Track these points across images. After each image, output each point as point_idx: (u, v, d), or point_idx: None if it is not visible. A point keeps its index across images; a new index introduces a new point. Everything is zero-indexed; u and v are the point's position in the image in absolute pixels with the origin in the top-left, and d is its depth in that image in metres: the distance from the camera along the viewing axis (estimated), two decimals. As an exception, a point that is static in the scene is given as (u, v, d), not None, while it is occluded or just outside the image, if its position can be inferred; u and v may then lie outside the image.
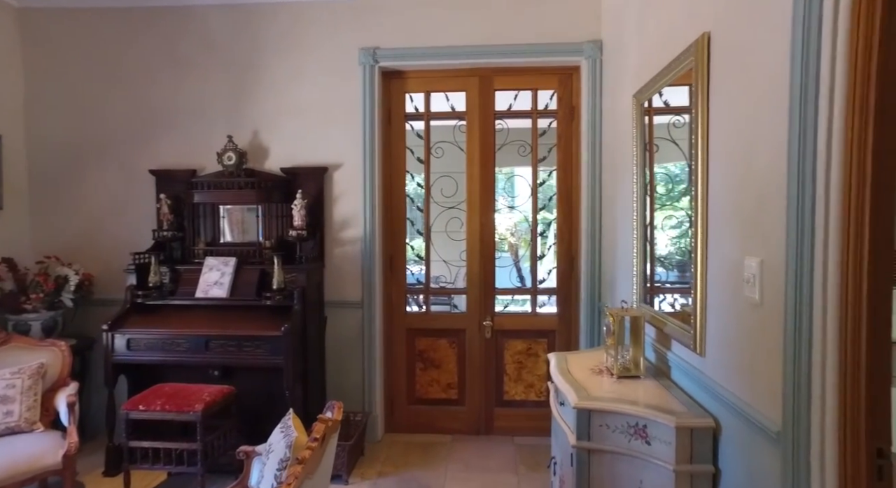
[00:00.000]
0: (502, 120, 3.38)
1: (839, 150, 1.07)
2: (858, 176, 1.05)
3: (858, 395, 1.07)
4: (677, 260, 2.23)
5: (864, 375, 1.07)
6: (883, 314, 1.06)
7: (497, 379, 3.44)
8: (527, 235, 7.20)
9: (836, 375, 1.09)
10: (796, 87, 1.16)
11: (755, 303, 1.36)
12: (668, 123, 2.33)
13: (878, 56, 1.03)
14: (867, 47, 1.03)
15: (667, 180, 2.34)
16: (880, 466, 1.08)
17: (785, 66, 1.22)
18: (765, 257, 1.31)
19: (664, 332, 2.03)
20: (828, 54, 1.09)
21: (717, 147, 1.58)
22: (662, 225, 2.32)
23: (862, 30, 1.04)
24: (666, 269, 2.37)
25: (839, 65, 1.07)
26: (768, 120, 1.30)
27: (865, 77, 1.04)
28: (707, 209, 1.65)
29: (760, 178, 1.33)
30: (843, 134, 1.06)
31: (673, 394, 1.80)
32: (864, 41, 1.04)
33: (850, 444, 1.09)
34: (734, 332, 1.48)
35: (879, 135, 1.04)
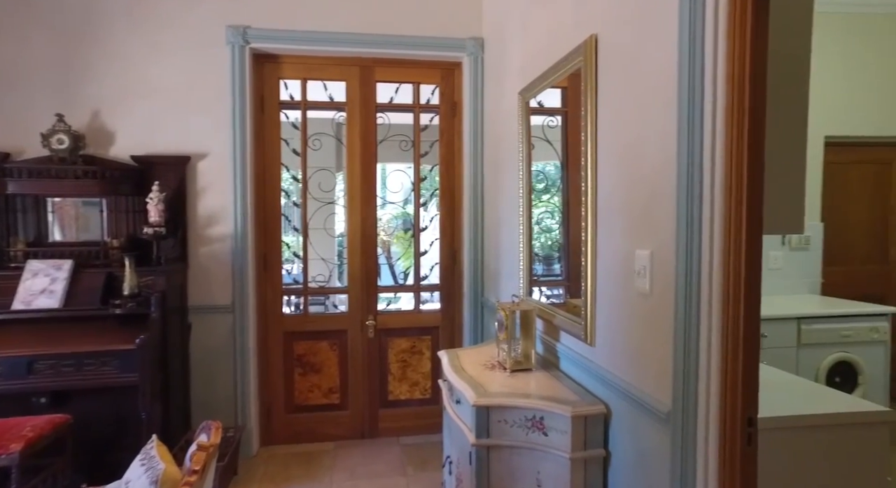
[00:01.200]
0: (384, 113, 3.28)
1: (721, 149, 1.16)
2: (737, 172, 1.15)
3: (736, 372, 1.18)
4: (559, 254, 2.35)
5: (741, 354, 1.17)
6: (755, 298, 1.17)
7: (381, 379, 3.34)
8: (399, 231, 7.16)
9: (720, 356, 1.19)
10: (684, 91, 1.24)
11: (645, 293, 1.44)
12: (543, 125, 2.44)
13: (749, 65, 1.13)
14: (742, 55, 1.13)
15: (542, 178, 2.45)
16: (749, 433, 1.20)
17: (670, 70, 1.30)
18: (655, 249, 1.40)
19: (553, 324, 2.10)
20: (710, 61, 1.17)
21: (606, 144, 1.66)
22: (540, 219, 2.42)
23: (737, 40, 1.13)
24: (548, 264, 2.48)
25: (720, 70, 1.16)
26: (655, 120, 1.38)
27: (742, 82, 1.13)
28: (596, 204, 1.73)
29: (650, 175, 1.41)
30: (725, 133, 1.16)
31: (564, 384, 1.86)
32: (739, 50, 1.13)
33: (729, 417, 1.19)
34: (624, 322, 1.56)
35: (753, 134, 1.14)
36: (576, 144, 2.29)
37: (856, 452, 1.57)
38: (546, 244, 2.50)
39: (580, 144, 2.26)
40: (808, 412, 1.57)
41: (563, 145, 2.38)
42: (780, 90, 1.25)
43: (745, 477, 1.19)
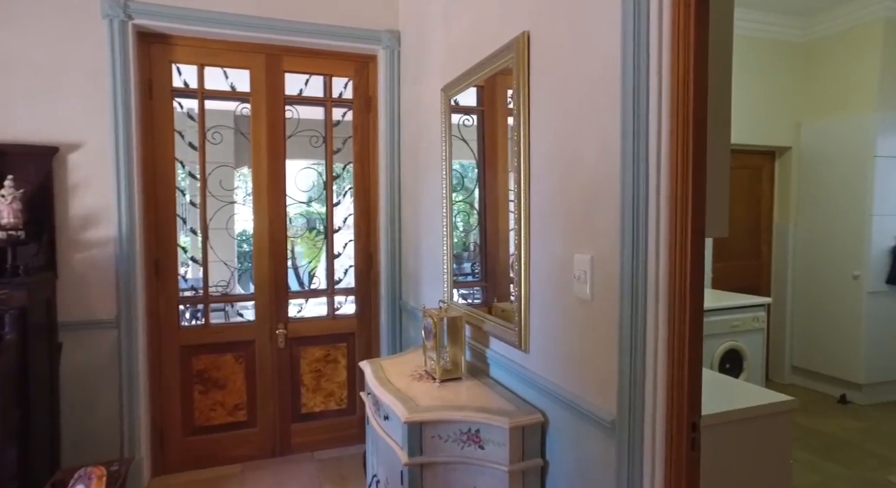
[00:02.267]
0: (293, 106, 3.04)
1: (667, 152, 1.15)
2: (682, 176, 1.14)
3: (682, 377, 1.17)
4: (477, 255, 2.30)
5: (687, 358, 1.17)
6: (699, 302, 1.18)
7: (294, 392, 3.11)
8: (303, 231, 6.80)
9: (666, 362, 1.18)
10: (628, 93, 1.21)
11: (586, 299, 1.41)
12: (458, 123, 2.39)
13: (693, 67, 1.13)
14: (686, 57, 1.12)
15: (458, 178, 2.40)
16: (693, 438, 1.21)
17: (612, 70, 1.27)
18: (595, 254, 1.37)
19: (482, 330, 2.04)
20: (655, 62, 1.15)
21: (541, 146, 1.62)
22: (458, 220, 2.36)
23: (682, 39, 1.12)
24: (467, 265, 2.43)
25: (665, 72, 1.14)
26: (596, 122, 1.35)
27: (686, 84, 1.13)
28: (530, 208, 1.69)
29: (589, 177, 1.38)
30: (670, 136, 1.14)
31: (497, 393, 1.81)
32: (684, 50, 1.12)
33: (675, 423, 1.19)
34: (562, 328, 1.53)
35: (697, 137, 1.14)
36: (492, 144, 2.26)
37: (764, 440, 1.67)
38: (465, 245, 2.45)
39: (496, 144, 2.25)
40: (723, 409, 1.63)
41: (479, 144, 2.34)
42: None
43: (690, 482, 1.19)
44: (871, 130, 3.88)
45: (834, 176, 4.12)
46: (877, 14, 3.85)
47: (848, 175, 4.02)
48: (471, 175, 2.45)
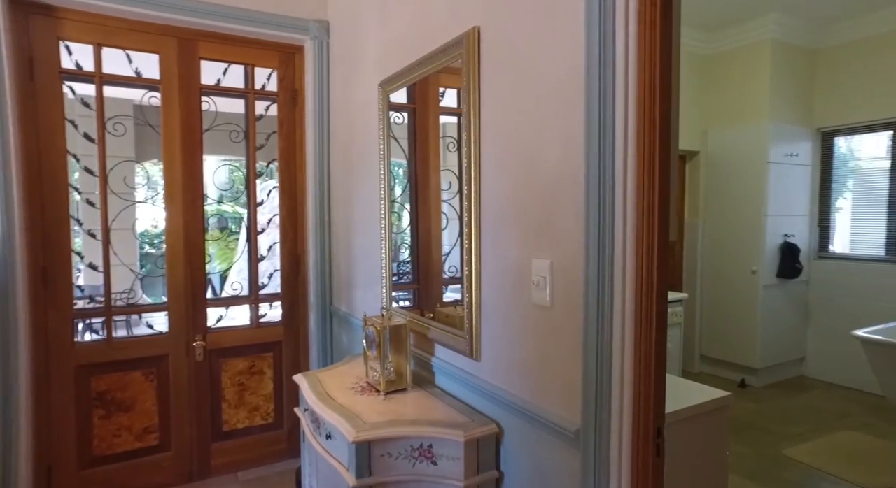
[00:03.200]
0: (210, 97, 2.77)
1: (634, 154, 1.13)
2: (650, 178, 1.12)
3: (649, 383, 1.16)
4: (409, 258, 2.22)
5: (654, 363, 1.16)
6: (665, 306, 1.17)
7: (214, 408, 2.85)
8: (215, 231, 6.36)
9: (633, 368, 1.16)
10: (594, 93, 1.18)
11: (545, 305, 1.37)
12: (391, 121, 2.30)
13: (660, 66, 1.11)
14: (653, 55, 1.11)
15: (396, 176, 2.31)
16: (658, 444, 1.20)
17: (575, 70, 1.24)
18: (556, 259, 1.33)
19: (428, 338, 1.95)
20: (622, 61, 1.13)
21: (493, 147, 1.56)
22: (393, 221, 2.27)
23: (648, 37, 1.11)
24: (398, 268, 2.34)
25: (631, 72, 1.12)
26: (556, 122, 1.31)
27: (652, 86, 1.11)
28: (480, 210, 1.62)
29: (549, 180, 1.34)
30: (637, 137, 1.12)
31: (447, 403, 1.73)
32: (650, 50, 1.11)
33: (642, 430, 1.17)
34: (518, 336, 1.48)
35: (664, 138, 1.13)
36: (424, 143, 2.19)
37: (706, 435, 1.73)
38: (395, 246, 2.36)
39: (428, 143, 2.18)
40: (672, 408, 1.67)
41: (410, 143, 2.26)
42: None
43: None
44: (765, 138, 4.25)
45: (735, 179, 4.46)
46: (765, 35, 4.22)
47: (747, 178, 4.38)
48: (402, 174, 2.36)
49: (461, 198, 1.72)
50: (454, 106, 2.07)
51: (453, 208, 2.07)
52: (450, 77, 1.91)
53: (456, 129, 2.09)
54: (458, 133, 1.75)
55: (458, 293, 2.12)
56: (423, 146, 2.22)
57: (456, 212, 2.06)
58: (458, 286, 2.13)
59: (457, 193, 2.05)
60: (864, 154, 4.52)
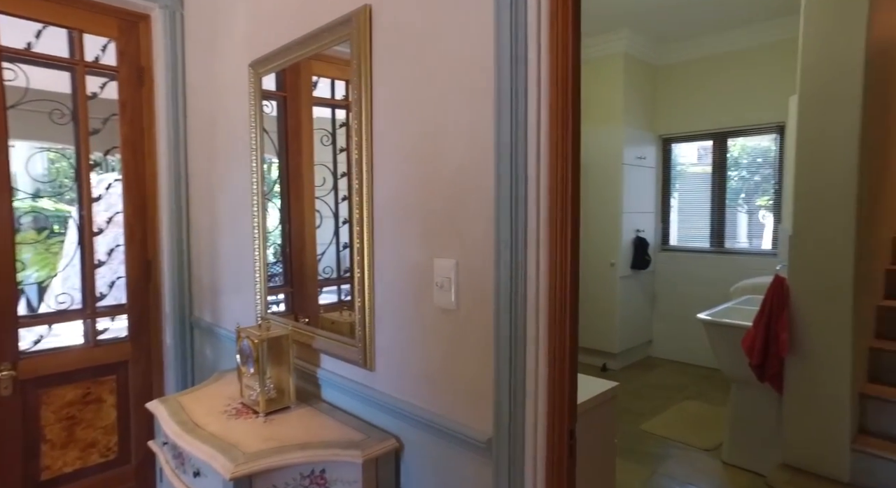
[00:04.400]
0: (16, 65, 2.25)
1: (546, 145, 1.09)
2: (562, 172, 1.09)
3: (563, 385, 1.13)
4: (280, 259, 2.02)
5: (567, 364, 1.13)
6: (577, 304, 1.15)
7: (28, 453, 2.32)
8: (31, 233, 5.37)
9: (547, 370, 1.13)
10: (505, 82, 1.11)
11: (450, 308, 1.28)
12: None
13: (572, 62, 1.09)
14: (565, 50, 1.07)
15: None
16: (571, 446, 1.18)
17: (482, 56, 1.16)
18: (462, 259, 1.25)
19: (312, 348, 1.76)
20: (534, 49, 1.08)
21: (388, 139, 1.43)
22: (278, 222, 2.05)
23: (561, 23, 1.07)
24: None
25: (544, 60, 1.08)
26: (461, 112, 1.22)
27: (565, 80, 1.08)
28: (373, 207, 1.49)
29: (454, 175, 1.25)
30: (550, 128, 1.08)
31: (338, 420, 1.57)
32: (563, 45, 1.07)
33: (557, 434, 1.14)
34: (419, 342, 1.37)
35: (575, 139, 1.10)
36: (296, 134, 2.00)
37: (598, 425, 1.78)
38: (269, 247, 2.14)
39: (301, 134, 1.99)
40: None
41: (280, 134, 2.06)
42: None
43: (569, 491, 1.16)
44: (620, 142, 4.66)
45: (598, 179, 4.83)
46: (619, 47, 4.63)
47: (607, 178, 4.76)
48: (271, 167, 2.14)
49: (350, 195, 1.56)
50: (328, 96, 1.92)
51: (327, 205, 1.91)
52: (323, 65, 1.75)
53: (330, 123, 1.93)
54: (334, 125, 1.59)
55: (333, 295, 1.97)
56: (295, 139, 2.02)
57: (330, 210, 1.91)
58: (334, 288, 1.98)
59: (331, 190, 1.89)
60: (693, 159, 5.18)
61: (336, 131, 1.95)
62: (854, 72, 2.46)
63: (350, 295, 1.61)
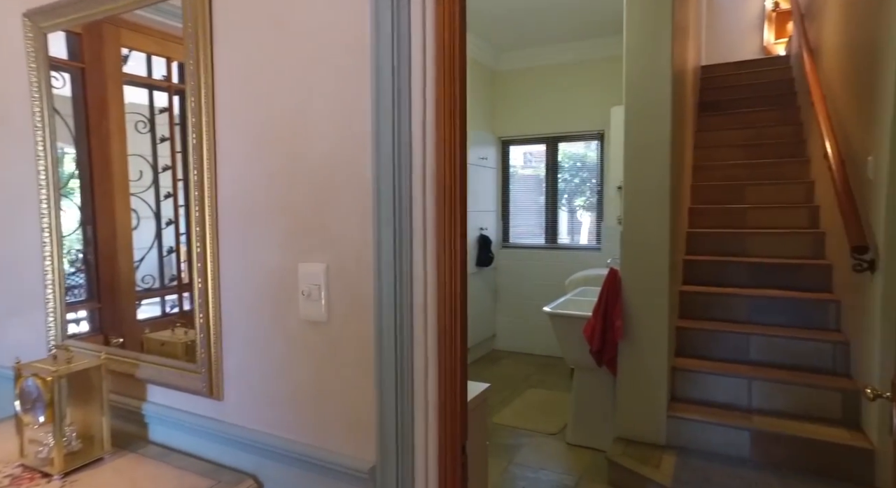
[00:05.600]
0: None
1: (433, 142, 0.97)
2: (450, 164, 0.99)
3: (455, 399, 1.03)
4: (82, 267, 1.62)
5: (459, 378, 1.03)
6: (466, 309, 1.06)
7: None
8: None
9: (437, 385, 1.01)
10: (385, 58, 0.97)
11: (319, 320, 1.09)
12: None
13: (458, 42, 0.99)
14: (452, 29, 0.97)
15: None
16: (463, 462, 1.09)
17: (356, 27, 1.01)
18: (333, 262, 1.07)
19: (135, 378, 1.41)
20: (418, 34, 0.96)
21: (234, 121, 1.18)
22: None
23: (447, 9, 0.97)
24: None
25: (429, 34, 0.96)
26: (331, 94, 1.05)
27: (452, 61, 0.97)
28: (217, 205, 1.22)
29: (322, 165, 1.07)
30: (436, 114, 0.97)
31: (175, 465, 1.27)
32: (450, 23, 0.97)
33: (450, 453, 1.04)
34: (282, 361, 1.16)
35: (462, 128, 1.01)
36: (101, 118, 1.63)
37: (472, 428, 1.73)
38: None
39: (109, 117, 1.62)
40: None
41: (78, 115, 1.66)
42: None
43: (462, 511, 1.07)
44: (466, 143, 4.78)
45: (441, 179, 4.88)
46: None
47: (450, 179, 4.85)
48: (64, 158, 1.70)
49: (188, 189, 1.27)
50: (143, 74, 1.58)
51: (146, 204, 1.57)
52: (137, 37, 1.44)
53: (147, 107, 1.59)
54: (152, 110, 1.30)
55: (157, 308, 1.63)
56: (100, 124, 1.63)
57: (151, 209, 1.58)
58: (157, 299, 1.65)
59: (151, 185, 1.56)
60: (528, 161, 5.55)
61: (155, 117, 1.61)
62: (665, 87, 2.80)
63: (177, 308, 1.32)
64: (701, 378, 3.00)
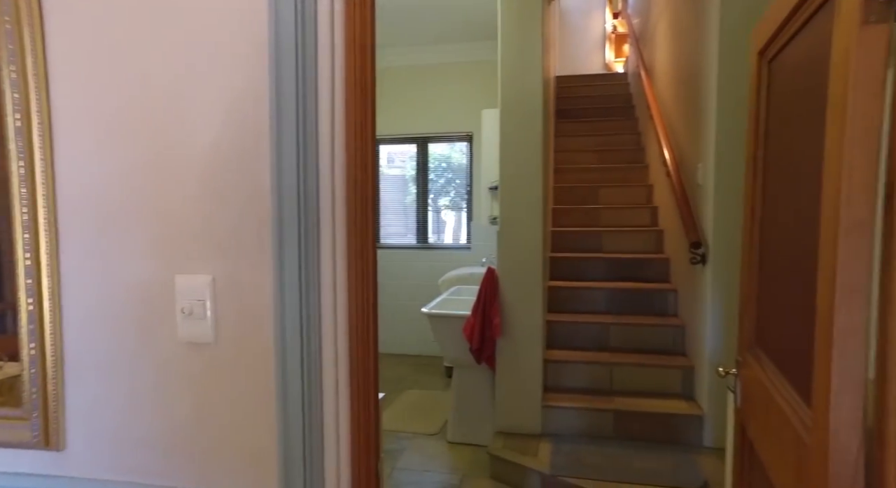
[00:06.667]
0: None
1: (342, 132, 0.87)
2: (361, 158, 0.89)
3: (369, 421, 0.94)
4: None
5: (372, 396, 0.94)
6: (377, 320, 0.97)
7: None
8: None
9: (350, 405, 0.91)
10: (286, 47, 0.83)
11: (204, 341, 0.92)
12: None
13: (370, 21, 0.90)
14: (363, 8, 0.87)
15: None
16: (377, 485, 1.00)
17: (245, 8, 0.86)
18: (221, 273, 0.90)
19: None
20: (326, 13, 0.84)
21: (83, 100, 0.95)
22: None
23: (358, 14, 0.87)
24: None
25: (338, 29, 0.85)
26: (216, 76, 0.88)
27: (363, 44, 0.88)
28: (55, 205, 0.97)
29: (207, 160, 0.89)
30: (345, 112, 0.86)
31: (-2, 539, 0.98)
32: (361, 24, 0.87)
33: (364, 478, 0.94)
34: (151, 393, 0.95)
35: (373, 111, 0.91)
36: None
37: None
38: None
39: None
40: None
41: None
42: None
43: (378, 542, 0.97)
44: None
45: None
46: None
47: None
48: None
49: (10, 186, 0.99)
50: None
51: None
52: None
53: None
54: None
55: None
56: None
57: None
58: None
59: None
60: (391, 160, 5.52)
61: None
62: (537, 93, 2.95)
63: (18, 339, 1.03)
64: (570, 367, 3.22)
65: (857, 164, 0.71)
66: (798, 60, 1.03)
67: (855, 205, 0.72)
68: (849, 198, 0.72)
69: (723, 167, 2.75)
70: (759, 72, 1.30)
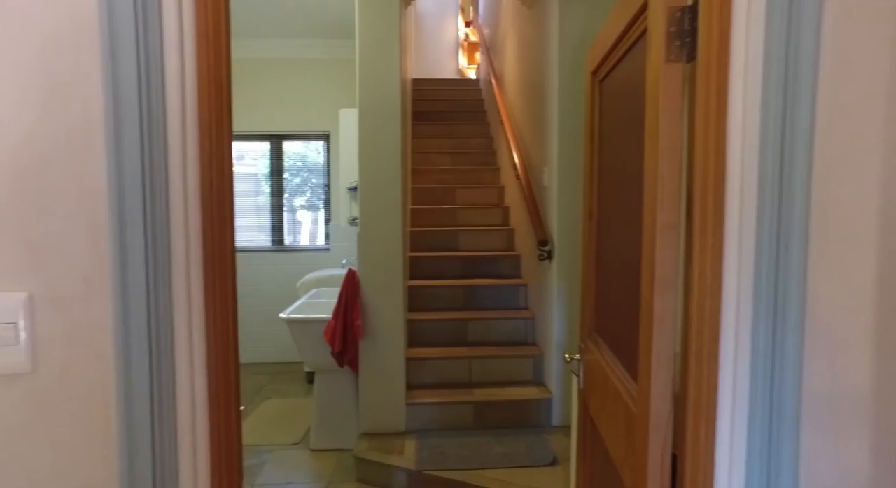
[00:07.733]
0: None
1: (195, 126, 0.80)
2: (218, 162, 0.83)
3: (232, 449, 0.87)
4: None
5: (234, 416, 0.88)
6: (237, 330, 0.91)
7: None
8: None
9: (209, 429, 0.84)
10: (125, 37, 0.74)
11: (19, 371, 0.78)
12: None
13: (224, 11, 0.84)
14: (217, 14, 0.81)
15: None
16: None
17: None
18: (42, 290, 0.77)
19: None
20: None
21: None
22: None
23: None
24: None
25: (187, 17, 0.78)
26: (29, 61, 0.75)
27: (218, 33, 0.82)
28: None
29: (16, 168, 0.75)
30: (198, 105, 0.80)
31: None
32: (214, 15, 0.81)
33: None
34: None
35: (229, 98, 0.86)
36: None
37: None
38: None
39: None
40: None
41: None
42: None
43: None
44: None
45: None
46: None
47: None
48: None
49: None
50: None
51: None
52: None
53: None
54: None
55: None
56: None
57: None
58: None
59: None
60: (241, 158, 5.17)
61: None
62: (394, 94, 2.98)
63: None
64: (431, 364, 3.31)
65: (668, 176, 0.85)
66: (622, 83, 1.19)
67: (667, 209, 0.86)
68: (662, 204, 0.85)
69: (565, 171, 3.05)
70: (593, 89, 1.47)
